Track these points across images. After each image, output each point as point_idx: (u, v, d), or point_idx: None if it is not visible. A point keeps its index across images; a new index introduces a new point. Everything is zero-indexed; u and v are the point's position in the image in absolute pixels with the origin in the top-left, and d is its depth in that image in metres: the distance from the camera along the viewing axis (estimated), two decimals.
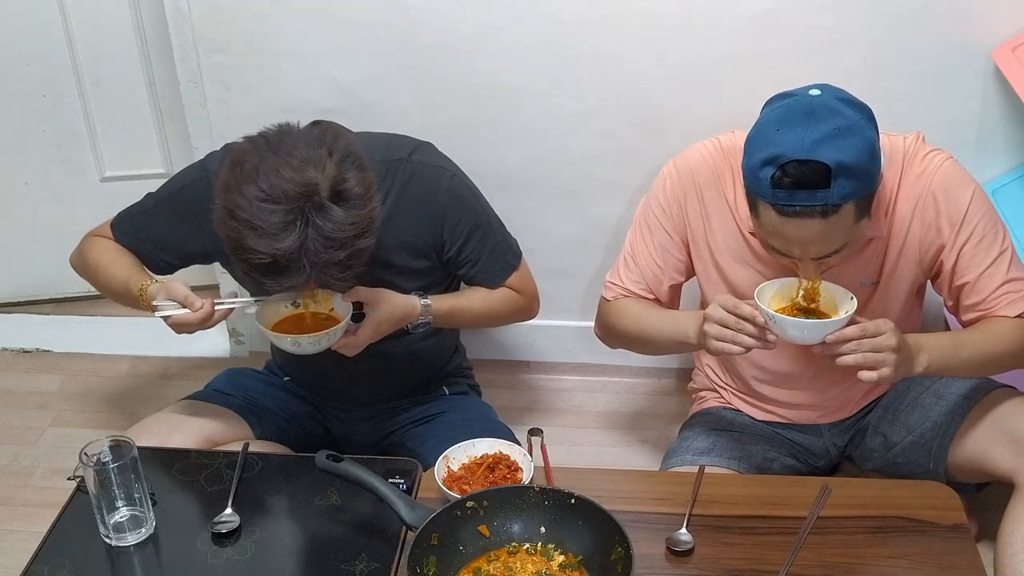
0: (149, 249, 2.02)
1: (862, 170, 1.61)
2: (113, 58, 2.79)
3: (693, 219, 1.94)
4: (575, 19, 2.34)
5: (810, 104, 1.64)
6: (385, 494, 1.59)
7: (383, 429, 2.16)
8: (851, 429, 2.07)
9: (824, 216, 1.61)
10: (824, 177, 1.58)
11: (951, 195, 1.79)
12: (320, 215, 1.61)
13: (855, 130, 1.62)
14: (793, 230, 1.65)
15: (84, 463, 1.60)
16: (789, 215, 1.63)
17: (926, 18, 2.26)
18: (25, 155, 2.92)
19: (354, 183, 1.65)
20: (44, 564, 1.62)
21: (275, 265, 1.63)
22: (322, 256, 1.63)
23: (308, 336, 1.78)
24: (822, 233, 1.64)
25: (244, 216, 1.61)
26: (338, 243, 1.63)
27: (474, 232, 2.00)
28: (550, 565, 1.55)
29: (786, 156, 1.60)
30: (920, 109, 2.32)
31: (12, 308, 3.11)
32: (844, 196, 1.60)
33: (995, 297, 1.81)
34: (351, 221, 1.64)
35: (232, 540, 1.65)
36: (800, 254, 1.69)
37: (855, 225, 1.66)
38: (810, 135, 1.59)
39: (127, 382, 2.84)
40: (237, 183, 1.63)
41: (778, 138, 1.62)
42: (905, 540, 1.64)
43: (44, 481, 2.50)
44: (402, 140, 2.00)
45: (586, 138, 2.49)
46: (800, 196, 1.60)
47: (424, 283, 2.00)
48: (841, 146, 1.59)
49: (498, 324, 2.24)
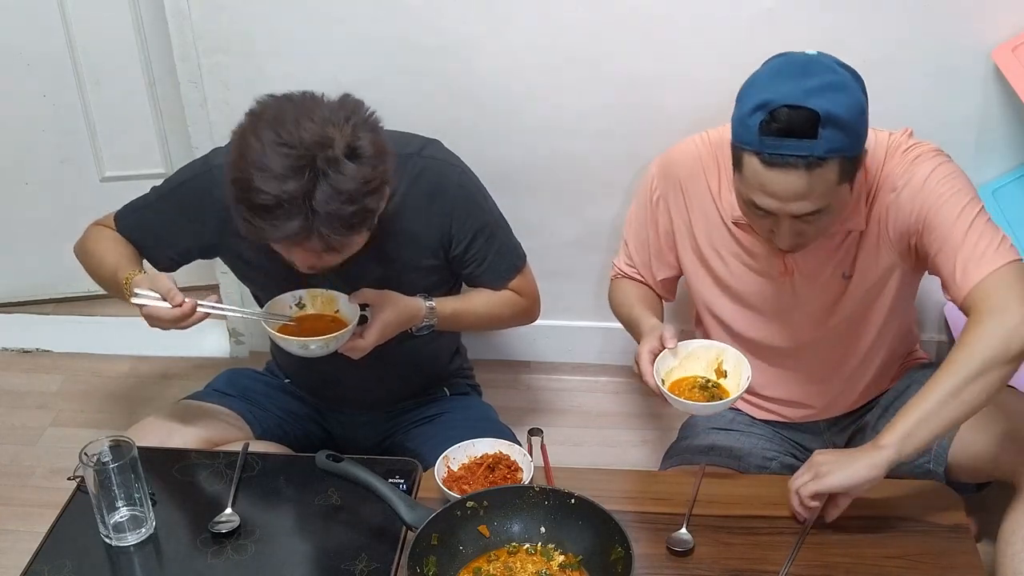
0: (151, 242, 2.01)
1: (850, 126, 1.62)
2: (113, 58, 2.79)
3: (676, 214, 1.96)
4: (575, 19, 2.34)
5: (807, 60, 1.66)
6: (385, 494, 1.59)
7: (383, 430, 2.16)
8: (850, 427, 2.08)
9: (808, 168, 1.62)
10: (813, 126, 1.59)
11: (915, 178, 1.77)
12: (332, 167, 1.62)
13: (847, 88, 1.63)
14: (776, 181, 1.64)
15: (84, 463, 1.60)
16: (774, 164, 1.63)
17: (926, 18, 2.26)
18: (25, 155, 2.92)
19: (368, 144, 1.66)
20: (44, 564, 1.62)
21: (277, 208, 1.62)
22: (327, 207, 1.62)
23: (317, 339, 1.77)
24: (805, 187, 1.63)
25: (255, 157, 1.62)
26: (346, 196, 1.63)
27: (481, 231, 2.00)
28: (550, 565, 1.55)
29: (776, 102, 1.61)
30: (920, 109, 2.32)
31: (12, 308, 3.11)
32: (830, 149, 1.61)
33: (959, 265, 1.71)
34: (362, 177, 1.64)
35: (232, 540, 1.65)
36: (778, 209, 1.68)
37: (837, 188, 1.66)
38: (802, 85, 1.62)
39: (127, 382, 2.84)
40: (254, 128, 1.64)
41: (770, 86, 1.64)
42: (905, 540, 1.64)
43: (44, 481, 2.50)
44: (411, 136, 2.01)
45: (586, 138, 2.49)
46: (788, 144, 1.61)
47: (429, 282, 2.00)
48: (832, 98, 1.60)
49: (500, 327, 2.24)
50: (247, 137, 1.65)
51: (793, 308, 1.93)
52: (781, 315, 1.94)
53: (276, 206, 1.61)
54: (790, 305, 1.93)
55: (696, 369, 1.78)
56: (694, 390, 1.74)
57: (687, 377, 1.77)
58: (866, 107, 1.67)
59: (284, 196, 1.60)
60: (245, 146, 1.64)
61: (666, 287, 2.07)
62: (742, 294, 1.96)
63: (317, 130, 1.63)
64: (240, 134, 1.67)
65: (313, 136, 1.62)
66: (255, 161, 1.62)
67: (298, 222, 1.62)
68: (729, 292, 1.97)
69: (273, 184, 1.61)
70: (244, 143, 1.65)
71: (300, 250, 1.72)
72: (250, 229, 1.68)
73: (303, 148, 1.61)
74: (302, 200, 1.61)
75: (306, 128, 1.62)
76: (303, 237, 1.66)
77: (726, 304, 1.99)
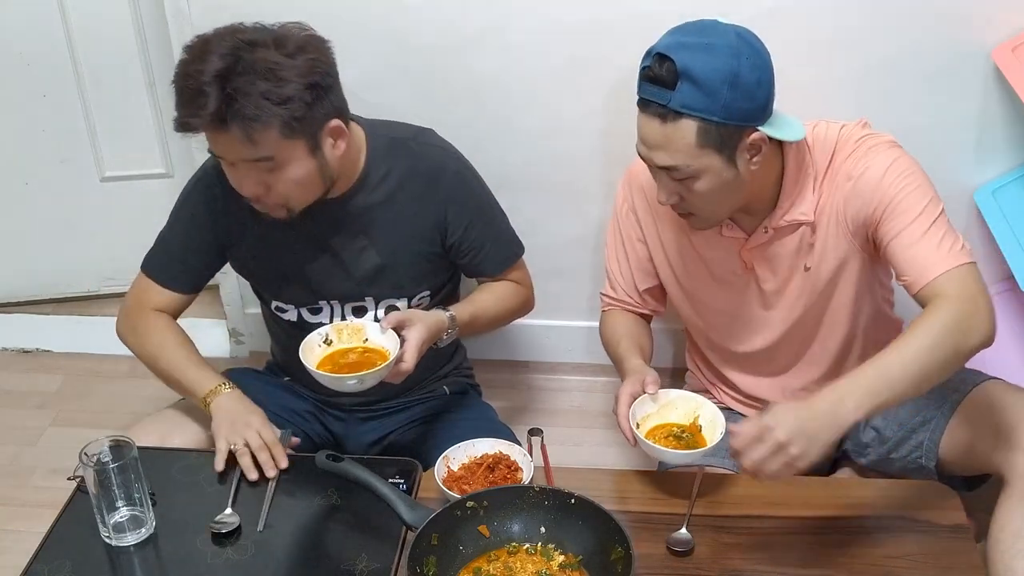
0: (179, 264, 2.00)
1: (710, 88, 1.62)
2: (113, 58, 2.79)
3: (644, 221, 1.98)
4: (575, 19, 2.35)
5: (711, 23, 1.69)
6: (385, 494, 1.59)
7: (383, 429, 2.16)
8: None
9: (663, 120, 1.65)
10: (672, 78, 1.63)
11: (871, 169, 1.76)
12: (254, 53, 1.68)
13: (723, 54, 1.63)
14: (642, 125, 1.70)
15: (84, 463, 1.60)
16: (641, 109, 1.69)
17: (926, 18, 2.26)
18: (25, 155, 2.92)
19: (300, 40, 1.73)
20: (44, 564, 1.62)
21: (195, 90, 1.66)
22: (239, 84, 1.66)
23: (370, 372, 1.73)
24: (661, 137, 1.67)
25: (194, 46, 1.71)
26: (262, 72, 1.67)
27: (478, 217, 2.00)
28: (550, 565, 1.55)
29: (655, 50, 1.66)
30: (920, 109, 2.33)
31: (12, 308, 3.11)
32: (684, 105, 1.63)
33: (917, 260, 1.71)
34: (281, 65, 1.68)
35: (232, 540, 1.65)
36: (646, 156, 1.72)
37: (699, 152, 1.66)
38: (682, 39, 1.65)
39: (127, 382, 2.84)
40: (208, 33, 1.73)
41: (665, 37, 1.69)
42: (905, 540, 1.64)
43: (44, 481, 2.50)
44: (404, 124, 2.02)
45: (586, 138, 2.49)
46: (649, 90, 1.66)
47: (426, 270, 2.01)
48: (700, 58, 1.62)
49: (508, 321, 2.25)
50: (196, 39, 1.73)
51: (763, 306, 1.94)
52: (752, 313, 1.96)
53: (195, 87, 1.66)
54: (760, 304, 1.94)
55: (672, 417, 1.77)
56: (668, 438, 1.74)
57: (663, 424, 1.76)
58: (745, 81, 1.64)
59: (204, 77, 1.66)
60: (190, 44, 1.72)
61: (654, 297, 2.07)
62: (712, 294, 1.97)
63: (256, 33, 1.72)
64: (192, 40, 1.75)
65: (249, 36, 1.70)
66: (192, 50, 1.70)
67: (213, 102, 1.66)
68: (699, 293, 1.99)
69: (196, 66, 1.67)
70: (191, 43, 1.73)
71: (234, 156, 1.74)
72: (179, 122, 1.71)
73: (235, 41, 1.68)
74: (219, 80, 1.66)
75: (247, 31, 1.72)
76: (220, 122, 1.68)
77: (699, 306, 2.01)
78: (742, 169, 1.71)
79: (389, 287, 2.00)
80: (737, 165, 1.71)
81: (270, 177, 1.76)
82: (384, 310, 2.00)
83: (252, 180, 1.76)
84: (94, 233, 3.01)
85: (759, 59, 1.68)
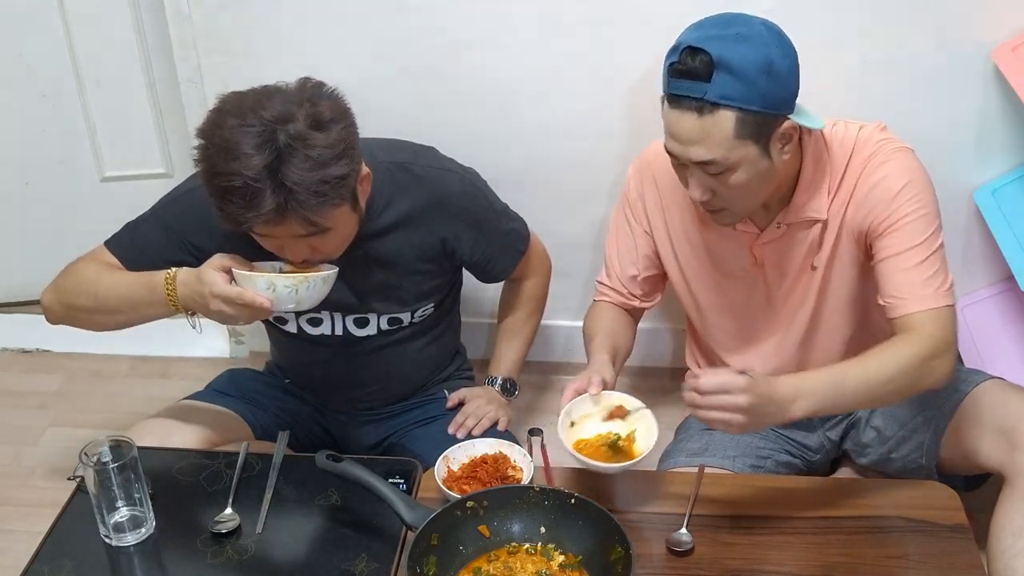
0: (136, 255, 1.94)
1: (747, 77, 1.61)
2: (113, 58, 2.79)
3: (652, 212, 1.98)
4: (575, 19, 2.34)
5: (734, 16, 1.68)
6: (385, 494, 1.59)
7: (383, 430, 2.16)
8: (843, 422, 2.08)
9: (700, 112, 1.63)
10: (707, 70, 1.61)
11: (888, 180, 1.77)
12: (296, 139, 1.62)
13: (756, 44, 1.63)
14: (675, 121, 1.67)
15: (84, 463, 1.60)
16: (673, 105, 1.66)
17: (926, 18, 2.26)
18: (25, 155, 2.92)
19: (327, 110, 1.67)
20: (44, 564, 1.62)
21: (246, 189, 1.60)
22: (296, 176, 1.61)
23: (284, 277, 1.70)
24: (699, 131, 1.65)
25: (219, 141, 1.62)
26: (313, 162, 1.62)
27: (484, 234, 2.01)
28: (550, 565, 1.55)
29: (683, 44, 1.64)
30: (920, 109, 2.32)
31: (12, 308, 3.11)
32: (722, 95, 1.61)
33: (905, 287, 1.75)
34: (327, 143, 1.64)
35: (232, 540, 1.65)
36: (680, 153, 1.69)
37: (736, 143, 1.65)
38: (711, 32, 1.64)
39: (127, 382, 2.84)
40: (217, 119, 1.65)
41: (689, 32, 1.67)
42: (905, 540, 1.64)
43: (44, 481, 2.50)
44: (402, 143, 2.00)
45: (586, 138, 2.49)
46: (683, 85, 1.64)
47: (431, 285, 2.01)
48: (734, 48, 1.61)
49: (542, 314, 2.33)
50: (211, 128, 1.65)
51: (769, 303, 1.94)
52: (758, 311, 1.96)
53: (244, 187, 1.60)
54: (765, 301, 1.94)
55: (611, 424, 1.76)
56: (603, 447, 1.73)
57: (602, 434, 1.74)
58: (779, 69, 1.65)
59: (250, 174, 1.60)
60: (210, 136, 1.65)
61: (647, 287, 2.06)
62: (718, 289, 1.97)
63: (277, 108, 1.64)
64: (205, 128, 1.67)
65: (273, 113, 1.63)
66: (220, 146, 1.62)
67: (271, 199, 1.61)
68: (705, 288, 1.99)
69: (238, 164, 1.60)
70: (209, 134, 1.65)
71: (286, 236, 1.70)
72: (228, 219, 1.66)
73: (263, 125, 1.62)
74: (270, 175, 1.60)
75: (267, 108, 1.64)
76: (279, 216, 1.64)
77: (704, 300, 2.01)
78: (775, 159, 1.71)
79: (393, 302, 2.00)
80: (771, 155, 1.70)
81: (319, 242, 1.74)
82: (387, 321, 2.00)
83: (299, 249, 1.75)
84: (94, 233, 2.99)
85: (788, 47, 1.69)
